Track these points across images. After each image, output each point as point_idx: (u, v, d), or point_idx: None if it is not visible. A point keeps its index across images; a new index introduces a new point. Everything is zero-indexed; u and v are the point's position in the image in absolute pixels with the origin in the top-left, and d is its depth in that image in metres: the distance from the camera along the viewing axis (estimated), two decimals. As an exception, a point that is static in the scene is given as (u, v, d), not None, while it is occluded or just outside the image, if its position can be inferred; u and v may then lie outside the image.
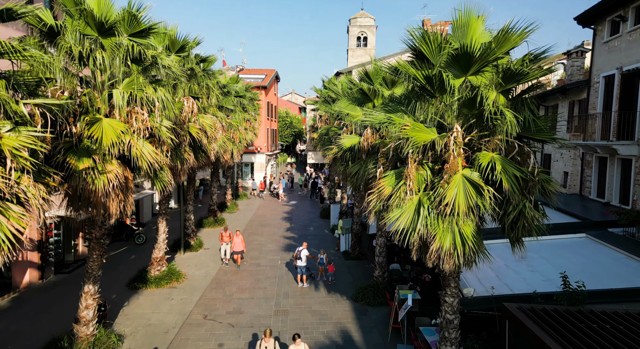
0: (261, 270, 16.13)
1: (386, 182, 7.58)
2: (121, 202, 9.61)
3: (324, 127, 21.09)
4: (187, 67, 13.54)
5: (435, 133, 7.17)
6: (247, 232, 22.17)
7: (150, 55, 9.20)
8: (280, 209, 28.77)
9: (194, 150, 14.33)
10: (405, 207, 7.12)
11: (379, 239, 13.62)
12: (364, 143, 12.30)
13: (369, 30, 52.75)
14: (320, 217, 25.99)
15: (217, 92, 17.80)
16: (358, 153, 12.75)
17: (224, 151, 18.62)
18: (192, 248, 18.44)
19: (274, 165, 43.90)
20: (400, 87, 12.55)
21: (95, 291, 9.89)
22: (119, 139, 8.82)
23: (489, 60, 6.62)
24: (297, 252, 14.75)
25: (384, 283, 13.40)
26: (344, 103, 13.40)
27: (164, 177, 10.66)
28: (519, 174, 6.48)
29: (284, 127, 58.17)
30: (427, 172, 7.23)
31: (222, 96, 19.29)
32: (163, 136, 9.89)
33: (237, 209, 27.86)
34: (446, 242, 6.78)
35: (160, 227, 14.76)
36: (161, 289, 13.86)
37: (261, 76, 41.53)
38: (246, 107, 26.52)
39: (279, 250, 18.96)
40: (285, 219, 25.64)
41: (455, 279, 7.74)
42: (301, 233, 22.08)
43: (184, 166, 13.78)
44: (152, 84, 9.92)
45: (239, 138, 22.87)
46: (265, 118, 39.33)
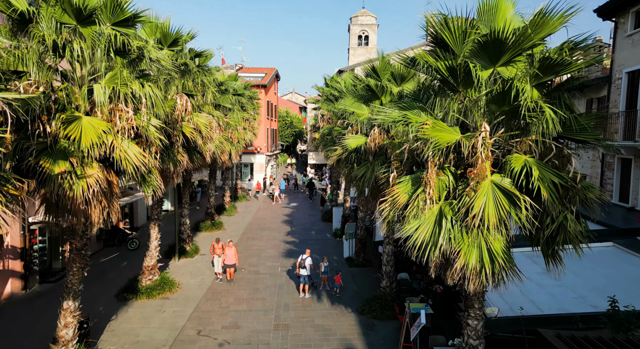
0: (260, 278, 15.18)
1: (401, 189, 6.64)
2: (105, 210, 8.68)
3: (326, 126, 20.16)
4: (180, 62, 12.61)
5: (458, 133, 6.23)
6: (246, 236, 21.24)
7: (135, 47, 8.26)
8: (280, 211, 27.83)
9: (188, 151, 13.39)
10: (424, 218, 6.18)
11: (386, 246, 12.68)
12: (371, 144, 11.39)
13: (370, 29, 52.02)
14: (321, 221, 25.05)
15: (214, 90, 16.87)
16: (364, 155, 11.84)
17: (221, 151, 17.68)
18: (188, 254, 17.51)
19: (274, 166, 42.97)
20: (410, 83, 11.61)
21: (75, 307, 8.95)
22: (100, 140, 7.90)
23: (524, 47, 5.67)
24: (301, 261, 13.81)
25: (392, 295, 12.46)
26: (348, 101, 12.46)
27: (153, 181, 9.72)
28: (558, 180, 5.55)
29: (284, 127, 57.24)
30: (449, 177, 6.29)
31: (219, 93, 18.37)
32: (151, 136, 8.96)
33: (235, 212, 26.93)
34: (472, 259, 5.85)
35: (152, 234, 13.83)
36: (153, 300, 12.92)
37: (261, 75, 40.60)
38: (245, 106, 25.58)
39: (279, 256, 18.03)
40: (285, 222, 24.71)
41: (480, 300, 6.81)
42: (302, 237, 21.14)
43: (177, 168, 12.84)
44: (139, 79, 8.99)
45: (238, 138, 21.93)
46: (265, 118, 38.40)
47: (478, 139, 5.76)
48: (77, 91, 8.18)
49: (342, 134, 13.15)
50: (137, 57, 8.94)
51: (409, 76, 11.48)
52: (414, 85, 11.60)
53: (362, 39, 51.51)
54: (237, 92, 22.77)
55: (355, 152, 12.08)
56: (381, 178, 8.44)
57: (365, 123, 11.98)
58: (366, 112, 12.30)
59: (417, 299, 11.55)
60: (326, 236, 21.61)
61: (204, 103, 14.66)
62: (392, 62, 11.81)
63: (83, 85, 8.15)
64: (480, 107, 6.20)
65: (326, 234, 21.84)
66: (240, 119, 23.13)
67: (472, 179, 5.86)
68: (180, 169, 13.11)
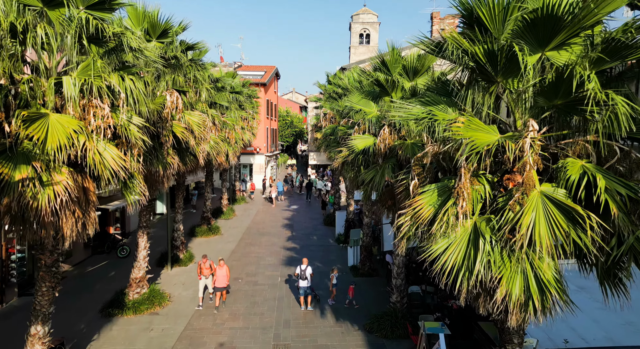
0: (258, 290, 14.04)
1: (425, 201, 5.51)
2: (79, 221, 7.57)
3: (328, 126, 19.02)
4: (170, 55, 11.48)
5: (497, 133, 5.09)
6: (244, 242, 20.10)
7: (111, 33, 7.12)
8: (280, 215, 26.69)
9: (179, 152, 12.26)
10: (456, 237, 5.06)
11: (396, 257, 11.54)
12: (380, 145, 10.28)
13: (371, 27, 51.16)
14: (323, 225, 23.91)
15: (209, 87, 15.73)
16: (373, 157, 10.71)
17: (217, 152, 16.56)
18: (181, 262, 16.38)
19: (274, 166, 41.84)
20: (424, 77, 10.48)
21: (45, 332, 7.83)
22: (70, 141, 6.79)
23: (584, 25, 4.54)
24: (301, 272, 12.69)
25: (402, 311, 11.32)
26: (355, 97, 11.34)
27: (136, 187, 8.60)
28: (625, 191, 4.42)
29: (285, 127, 56.12)
30: (486, 187, 5.16)
31: (215, 91, 17.22)
32: (132, 137, 7.83)
33: (233, 215, 25.79)
34: (515, 288, 4.73)
35: (141, 243, 12.69)
36: (140, 316, 11.79)
37: (260, 73, 39.47)
38: (243, 104, 24.44)
39: (279, 264, 16.89)
40: (285, 226, 23.56)
41: (521, 334, 5.67)
42: (303, 243, 20.01)
43: (167, 171, 11.71)
44: (119, 71, 7.87)
45: (235, 138, 20.79)
46: (264, 117, 37.27)
47: (526, 140, 4.63)
48: (45, 84, 7.06)
49: (348, 134, 12.02)
50: (116, 46, 7.81)
51: (422, 70, 10.36)
52: (427, 80, 10.49)
53: (364, 37, 50.76)
54: (234, 90, 21.63)
55: (363, 154, 10.95)
56: (398, 186, 7.27)
57: (374, 122, 10.86)
58: (374, 110, 11.19)
59: (432, 317, 10.43)
60: (328, 241, 20.47)
61: (197, 100, 13.52)
62: (404, 55, 10.69)
63: (50, 77, 7.01)
64: (524, 100, 5.06)
65: (328, 240, 20.70)
66: (238, 118, 21.99)
67: (516, 190, 4.73)
68: (171, 172, 11.99)
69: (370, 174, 10.41)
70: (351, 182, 12.36)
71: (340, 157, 11.35)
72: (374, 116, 10.94)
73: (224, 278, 12.44)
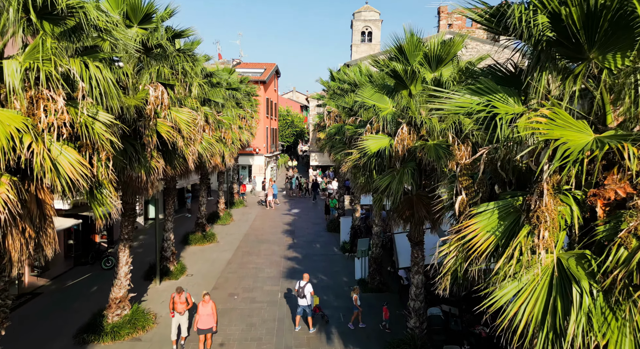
0: (256, 309, 12.51)
1: (481, 225, 3.99)
2: (30, 241, 6.11)
3: (333, 125, 17.51)
4: (153, 42, 9.96)
5: (590, 131, 3.56)
6: (241, 251, 18.57)
7: (64, 4, 5.59)
8: (280, 220, 25.16)
9: (165, 155, 10.76)
10: (531, 280, 3.54)
11: (415, 276, 10.01)
12: (398, 146, 8.78)
13: (373, 25, 50.01)
14: (327, 231, 22.38)
15: (202, 82, 14.22)
16: (389, 160, 9.20)
17: (211, 154, 15.02)
18: (172, 275, 14.85)
19: (274, 167, 40.34)
20: (449, 68, 8.99)
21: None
22: (11, 143, 5.31)
23: None
24: (299, 289, 11.22)
25: (422, 338, 9.80)
26: (367, 91, 9.82)
27: (105, 198, 7.09)
28: None
29: (285, 127, 54.61)
30: (574, 209, 3.64)
31: (209, 86, 15.69)
32: (96, 137, 6.32)
33: (230, 220, 24.26)
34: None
35: (122, 258, 11.16)
36: (120, 343, 10.28)
37: (260, 70, 37.95)
38: (241, 102, 22.92)
39: (279, 277, 15.37)
40: (286, 232, 22.03)
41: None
42: (306, 252, 18.48)
43: (152, 176, 10.20)
44: (82, 57, 6.36)
45: (232, 138, 19.27)
46: (264, 116, 35.76)
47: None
48: (-20, 71, 5.55)
49: (358, 134, 10.49)
50: (78, 26, 6.30)
51: (447, 58, 8.85)
52: (452, 71, 9.00)
53: (366, 35, 49.78)
54: (231, 87, 20.11)
55: (377, 157, 9.44)
56: (435, 202, 5.74)
57: (389, 120, 9.34)
58: (390, 105, 9.67)
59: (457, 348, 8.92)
60: (333, 250, 18.94)
61: (187, 96, 11.99)
62: (425, 40, 9.16)
63: (-13, 62, 5.51)
64: (631, 84, 3.53)
65: (333, 248, 19.16)
66: (235, 117, 20.47)
67: (630, 215, 3.21)
68: (156, 177, 10.47)
69: (386, 181, 8.91)
70: (361, 188, 10.84)
71: (350, 161, 9.83)
72: (389, 112, 9.43)
73: (209, 317, 9.75)
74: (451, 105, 4.38)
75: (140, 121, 9.86)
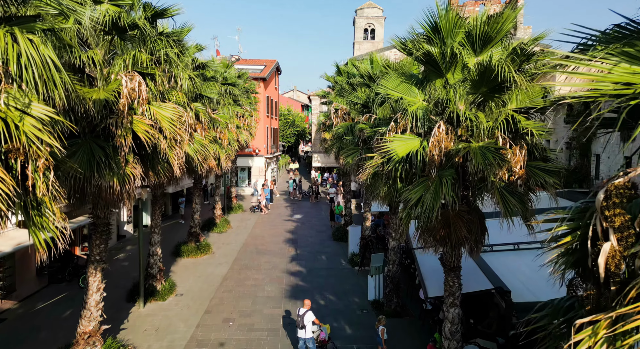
0: (254, 341, 10.63)
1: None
2: None
3: (341, 124, 15.62)
4: (126, 21, 8.08)
5: None
6: (239, 264, 16.69)
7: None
8: (282, 226, 23.27)
9: (143, 159, 8.90)
10: None
11: (449, 309, 8.10)
12: (434, 150, 6.91)
13: (376, 22, 48.70)
14: (332, 240, 20.48)
15: (192, 74, 12.35)
16: (421, 167, 7.33)
17: (204, 157, 13.13)
18: (158, 295, 12.99)
19: (274, 169, 38.46)
20: (497, 49, 7.10)
21: None
22: None
23: None
24: (299, 318, 9.44)
25: (460, 386, 7.92)
26: (391, 81, 7.93)
27: (47, 221, 5.23)
28: None
29: (286, 126, 52.72)
30: None
31: (201, 80, 13.81)
32: (24, 138, 4.46)
33: (228, 228, 22.38)
34: None
35: (92, 284, 9.25)
36: (87, 389, 8.42)
37: (260, 67, 36.08)
38: (239, 99, 21.05)
39: (281, 296, 13.49)
40: (288, 242, 20.16)
41: None
42: (310, 266, 16.60)
43: (127, 186, 8.33)
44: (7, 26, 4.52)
45: (229, 139, 17.40)
46: (264, 115, 33.89)
47: None
48: None
49: (380, 134, 8.60)
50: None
51: (497, 36, 6.97)
52: (501, 53, 7.14)
53: (368, 32, 48.75)
54: (228, 82, 18.23)
55: (403, 164, 7.56)
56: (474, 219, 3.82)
57: (420, 116, 7.46)
58: (420, 98, 7.80)
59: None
60: (341, 263, 17.05)
61: (172, 89, 10.10)
62: (467, 16, 7.29)
63: None
64: None
65: (340, 261, 17.27)
66: (232, 115, 18.61)
67: None
68: (132, 186, 8.59)
69: (417, 192, 7.06)
70: (382, 199, 8.96)
71: (371, 167, 7.93)
72: (419, 107, 7.55)
73: None
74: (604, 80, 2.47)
75: (112, 118, 8.02)
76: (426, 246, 7.97)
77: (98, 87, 8.14)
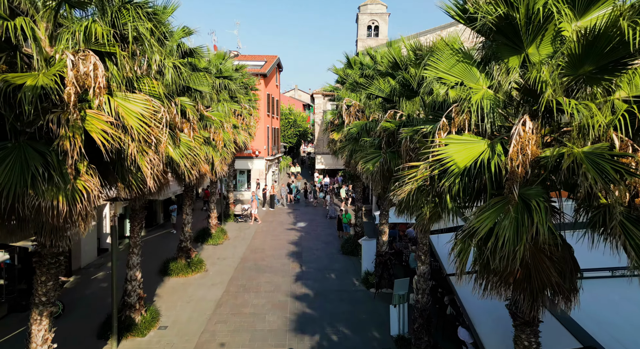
0: (253, 397, 8.40)
1: None
2: None
3: (354, 123, 13.36)
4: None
5: None
6: (235, 285, 14.45)
7: None
8: (284, 237, 21.02)
9: (101, 168, 6.67)
10: None
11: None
12: (516, 158, 4.67)
13: (380, 18, 46.79)
14: (341, 253, 18.21)
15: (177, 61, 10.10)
16: (493, 182, 5.10)
17: (192, 162, 10.89)
18: (136, 330, 10.75)
19: (275, 172, 36.21)
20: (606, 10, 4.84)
21: None
22: None
23: None
24: None
25: None
26: (445, 61, 5.67)
27: None
28: None
29: (287, 126, 50.48)
30: None
31: (189, 68, 11.53)
32: None
33: (224, 239, 20.12)
34: None
35: (36, 334, 6.96)
36: None
37: (260, 63, 33.85)
38: (237, 96, 18.81)
39: (285, 329, 11.25)
40: (292, 255, 17.91)
41: None
42: (318, 287, 14.35)
43: (79, 205, 6.07)
44: None
45: (224, 140, 15.14)
46: (264, 114, 31.66)
47: None
48: None
49: (424, 135, 6.34)
50: None
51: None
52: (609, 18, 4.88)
53: (372, 29, 46.99)
54: (223, 74, 15.99)
55: (461, 177, 5.31)
56: None
57: (488, 109, 5.22)
58: (483, 85, 5.57)
59: None
60: (352, 283, 14.78)
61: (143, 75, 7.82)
62: None
63: None
64: None
65: (352, 281, 15.00)
66: (229, 113, 16.39)
67: None
68: (87, 205, 6.32)
69: (489, 220, 4.83)
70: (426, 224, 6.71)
71: (414, 181, 5.67)
72: (485, 96, 5.31)
73: None
74: None
75: (54, 112, 5.82)
76: (490, 290, 5.71)
77: (37, 71, 5.96)
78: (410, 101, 9.63)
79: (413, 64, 8.93)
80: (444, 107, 8.66)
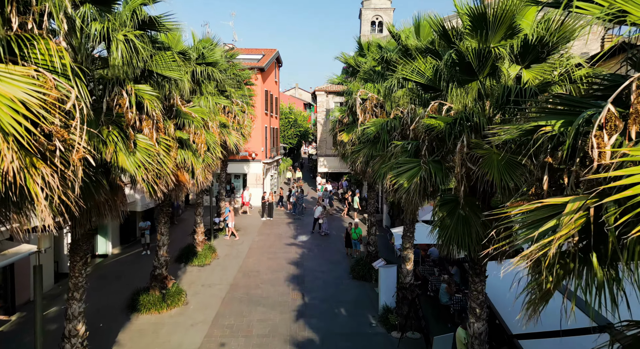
0: None
1: None
2: None
3: (371, 121, 10.37)
4: None
5: None
6: (221, 325, 11.42)
7: None
8: (283, 255, 17.99)
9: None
10: None
11: None
12: None
13: (384, 14, 44.71)
14: (352, 277, 15.21)
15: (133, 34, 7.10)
16: None
17: (157, 174, 7.89)
18: (77, 407, 7.71)
19: (274, 176, 33.20)
20: None
21: None
22: None
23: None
24: None
25: None
26: None
27: None
28: None
29: (287, 126, 47.47)
30: None
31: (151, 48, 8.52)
32: None
33: (213, 257, 17.09)
34: None
35: None
36: None
37: (257, 56, 30.85)
38: (227, 90, 15.82)
39: (284, 401, 8.22)
40: (291, 280, 14.90)
41: None
42: (325, 327, 11.33)
43: None
44: None
45: (208, 143, 12.13)
46: (262, 112, 28.67)
47: None
48: None
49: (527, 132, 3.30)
50: None
51: None
52: None
53: (376, 25, 45.30)
54: (206, 60, 12.97)
55: None
56: None
57: None
58: None
59: None
60: (369, 322, 11.74)
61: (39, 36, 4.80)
62: None
63: None
64: None
65: (368, 318, 11.97)
66: (214, 109, 13.41)
67: None
68: None
69: None
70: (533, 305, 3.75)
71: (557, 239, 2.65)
72: None
73: None
74: None
75: None
76: None
77: None
78: (463, 87, 6.63)
79: (474, 33, 5.94)
80: (524, 94, 5.80)
